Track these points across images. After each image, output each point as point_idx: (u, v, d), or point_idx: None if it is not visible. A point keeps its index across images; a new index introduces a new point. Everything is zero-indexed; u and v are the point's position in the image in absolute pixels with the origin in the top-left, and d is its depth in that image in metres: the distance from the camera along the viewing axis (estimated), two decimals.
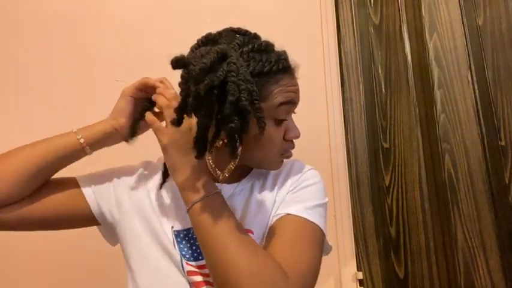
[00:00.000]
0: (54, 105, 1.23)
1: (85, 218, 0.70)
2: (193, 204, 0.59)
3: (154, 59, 1.29)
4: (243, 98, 0.53)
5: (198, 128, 0.57)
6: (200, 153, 0.57)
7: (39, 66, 1.26)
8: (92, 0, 1.33)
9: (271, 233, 0.63)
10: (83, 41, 1.29)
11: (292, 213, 0.63)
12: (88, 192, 0.69)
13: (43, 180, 0.67)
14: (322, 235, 0.65)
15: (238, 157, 0.61)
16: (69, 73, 1.26)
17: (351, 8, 1.45)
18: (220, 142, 0.62)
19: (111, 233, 0.72)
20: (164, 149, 0.63)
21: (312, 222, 0.63)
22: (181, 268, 0.64)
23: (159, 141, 0.63)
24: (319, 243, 0.63)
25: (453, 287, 1.18)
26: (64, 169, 0.69)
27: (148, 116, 0.66)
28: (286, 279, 0.53)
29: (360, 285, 1.23)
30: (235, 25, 0.66)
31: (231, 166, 0.62)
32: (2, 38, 1.27)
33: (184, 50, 0.62)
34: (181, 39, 1.25)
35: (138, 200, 0.70)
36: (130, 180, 0.73)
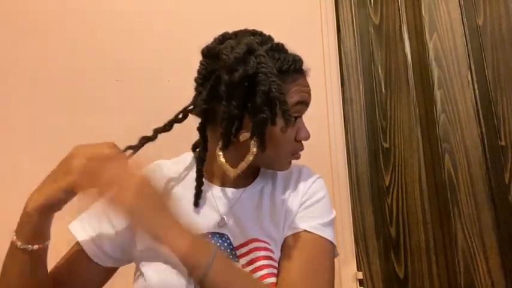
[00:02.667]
0: (53, 104, 1.23)
1: (104, 270, 0.67)
2: (209, 268, 0.50)
3: (154, 58, 1.30)
4: (274, 89, 0.55)
5: (226, 119, 0.57)
6: (226, 145, 0.58)
7: (38, 66, 1.25)
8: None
9: (290, 250, 0.63)
10: (82, 40, 1.29)
11: (310, 230, 0.64)
12: (94, 253, 0.65)
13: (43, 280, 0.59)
14: (334, 250, 0.67)
15: (254, 154, 0.60)
16: (68, 73, 1.26)
17: (351, 8, 1.45)
18: (245, 135, 0.61)
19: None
20: (131, 213, 0.50)
21: (328, 240, 0.65)
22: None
23: (121, 209, 0.50)
24: (333, 259, 0.66)
25: (453, 287, 1.18)
26: None
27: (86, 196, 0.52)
28: None
29: (360, 285, 1.22)
30: (235, 25, 0.67)
31: (245, 163, 0.61)
32: (1, 37, 1.27)
33: (184, 50, 0.62)
34: (181, 39, 1.26)
35: None
36: None
